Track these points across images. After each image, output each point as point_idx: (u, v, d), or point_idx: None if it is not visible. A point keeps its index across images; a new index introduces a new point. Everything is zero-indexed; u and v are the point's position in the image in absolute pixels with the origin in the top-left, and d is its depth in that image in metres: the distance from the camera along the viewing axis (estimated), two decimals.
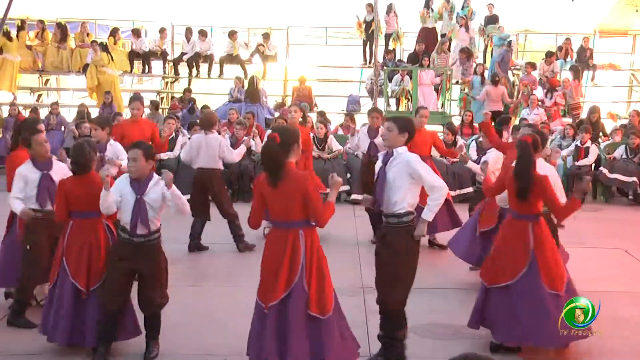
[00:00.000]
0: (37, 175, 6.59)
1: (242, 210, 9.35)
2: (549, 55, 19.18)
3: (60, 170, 6.68)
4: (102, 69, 18.43)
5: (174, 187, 5.82)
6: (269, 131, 7.70)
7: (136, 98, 9.52)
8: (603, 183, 13.76)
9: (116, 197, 5.77)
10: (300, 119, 10.61)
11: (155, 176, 5.89)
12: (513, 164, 6.24)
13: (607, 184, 13.75)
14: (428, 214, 5.68)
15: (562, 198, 6.37)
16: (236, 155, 9.76)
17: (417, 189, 5.74)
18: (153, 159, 5.93)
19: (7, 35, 18.63)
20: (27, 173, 6.58)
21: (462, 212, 9.61)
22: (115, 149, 8.12)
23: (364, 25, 20.15)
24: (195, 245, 9.65)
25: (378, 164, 5.87)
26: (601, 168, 13.66)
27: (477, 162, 8.98)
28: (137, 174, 5.81)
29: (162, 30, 20.49)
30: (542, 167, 6.43)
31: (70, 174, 6.24)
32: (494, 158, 8.31)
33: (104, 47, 18.78)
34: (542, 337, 5.98)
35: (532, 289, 5.98)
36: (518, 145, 6.19)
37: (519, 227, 6.11)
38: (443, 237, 9.69)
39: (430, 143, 9.85)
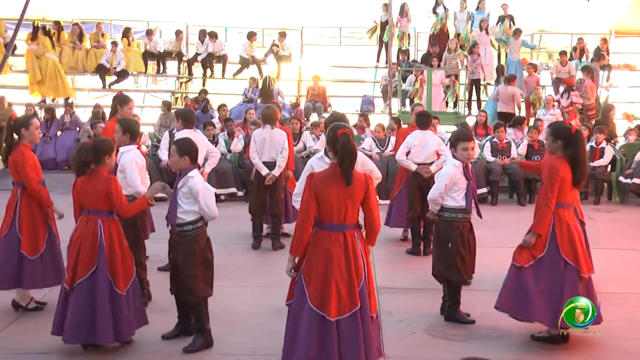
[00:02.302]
0: None
1: None
2: (562, 54, 19.15)
3: None
4: (44, 56, 18.33)
5: (204, 191, 6.02)
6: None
7: (131, 98, 9.47)
8: (619, 186, 13.69)
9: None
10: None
11: (192, 172, 6.05)
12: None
13: (624, 188, 13.65)
14: None
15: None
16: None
17: None
18: (189, 154, 6.05)
19: (47, 33, 18.71)
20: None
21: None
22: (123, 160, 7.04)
23: (379, 28, 20.20)
24: (259, 243, 9.83)
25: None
26: (635, 179, 13.52)
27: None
28: (173, 168, 6.25)
29: (178, 33, 20.57)
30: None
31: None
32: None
33: (47, 32, 18.67)
34: None
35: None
36: (577, 133, 6.25)
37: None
38: None
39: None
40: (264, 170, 9.54)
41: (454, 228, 6.77)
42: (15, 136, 7.03)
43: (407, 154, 9.44)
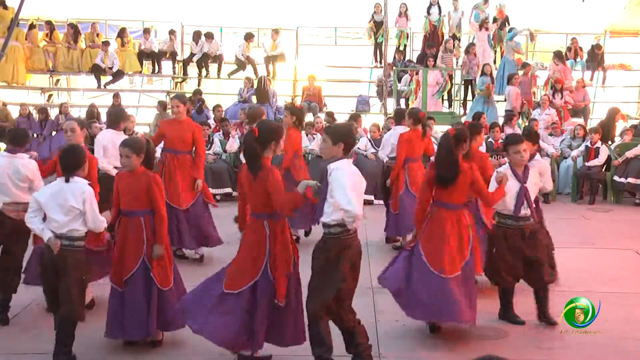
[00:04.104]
0: None
1: None
2: (558, 55, 19.19)
3: None
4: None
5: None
6: None
7: (175, 96, 9.40)
8: (614, 186, 13.73)
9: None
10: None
11: (77, 179, 5.76)
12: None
13: (618, 187, 13.69)
14: None
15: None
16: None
17: None
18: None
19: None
20: None
21: None
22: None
23: (373, 28, 20.24)
24: None
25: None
26: (629, 179, 13.55)
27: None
28: None
29: (172, 32, 20.52)
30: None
31: None
32: None
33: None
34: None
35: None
36: (442, 136, 6.59)
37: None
38: None
39: (422, 145, 9.63)
40: None
41: (499, 234, 6.74)
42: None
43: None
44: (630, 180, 13.40)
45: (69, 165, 5.78)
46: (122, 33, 20.50)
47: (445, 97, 18.93)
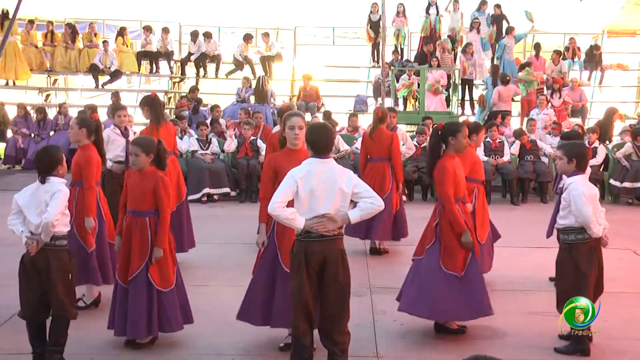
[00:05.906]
0: None
1: (251, 210, 9.42)
2: (556, 53, 19.26)
3: None
4: None
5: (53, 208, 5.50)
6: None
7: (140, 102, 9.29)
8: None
9: None
10: None
11: (53, 179, 5.63)
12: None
13: (614, 191, 13.66)
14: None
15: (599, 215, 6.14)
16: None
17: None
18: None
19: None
20: None
21: None
22: None
23: (369, 29, 20.30)
24: None
25: None
26: (625, 184, 13.56)
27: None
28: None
29: (165, 31, 20.49)
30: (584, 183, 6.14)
31: None
32: None
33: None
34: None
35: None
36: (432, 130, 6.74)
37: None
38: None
39: (387, 145, 9.25)
40: None
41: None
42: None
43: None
44: (626, 184, 13.39)
45: (43, 167, 5.67)
46: (122, 32, 20.48)
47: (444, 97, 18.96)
